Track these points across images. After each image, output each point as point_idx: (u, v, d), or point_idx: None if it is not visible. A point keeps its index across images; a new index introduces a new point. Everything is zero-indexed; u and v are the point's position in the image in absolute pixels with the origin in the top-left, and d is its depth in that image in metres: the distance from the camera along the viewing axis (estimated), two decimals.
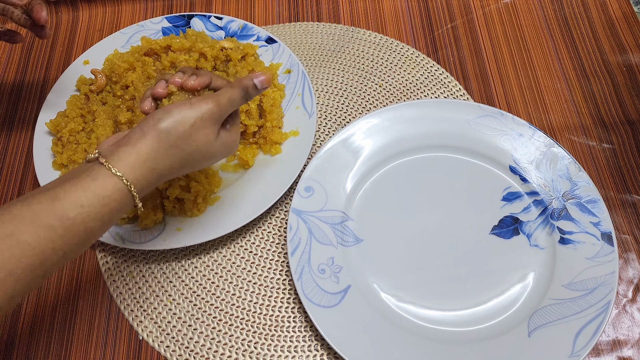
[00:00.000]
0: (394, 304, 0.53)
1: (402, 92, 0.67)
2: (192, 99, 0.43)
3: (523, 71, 0.69)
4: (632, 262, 0.56)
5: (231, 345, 0.53)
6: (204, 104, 0.42)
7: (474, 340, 0.51)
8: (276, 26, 0.74)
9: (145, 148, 0.40)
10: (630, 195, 0.60)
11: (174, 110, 0.41)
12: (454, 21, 0.73)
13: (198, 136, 0.42)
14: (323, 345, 0.53)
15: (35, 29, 0.54)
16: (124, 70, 0.63)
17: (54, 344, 0.53)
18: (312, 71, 0.70)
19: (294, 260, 0.54)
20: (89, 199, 0.37)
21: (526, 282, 0.54)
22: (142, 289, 0.56)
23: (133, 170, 0.39)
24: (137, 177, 0.40)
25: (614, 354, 0.52)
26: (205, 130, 0.42)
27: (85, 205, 0.37)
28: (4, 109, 0.69)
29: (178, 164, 0.42)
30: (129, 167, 0.39)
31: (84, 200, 0.37)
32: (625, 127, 0.64)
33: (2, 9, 0.53)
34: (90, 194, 0.37)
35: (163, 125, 0.41)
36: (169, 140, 0.41)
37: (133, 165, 0.40)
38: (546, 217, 0.57)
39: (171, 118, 0.41)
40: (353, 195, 0.59)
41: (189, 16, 0.71)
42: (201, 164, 0.44)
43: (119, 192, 0.39)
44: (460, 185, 0.59)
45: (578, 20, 0.73)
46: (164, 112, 0.41)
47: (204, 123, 0.42)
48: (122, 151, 0.40)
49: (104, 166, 0.39)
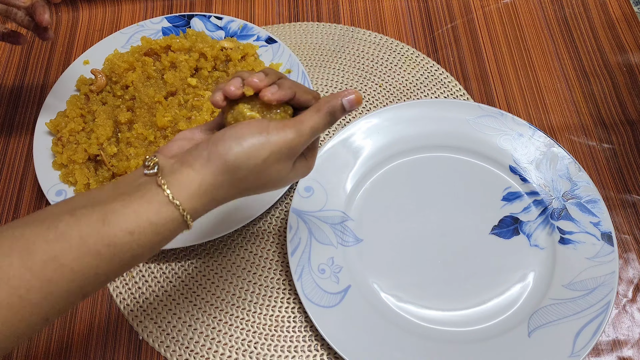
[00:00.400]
0: (394, 304, 0.53)
1: (402, 92, 0.67)
2: (271, 125, 0.36)
3: (523, 71, 0.69)
4: (632, 262, 0.56)
5: (231, 346, 0.53)
6: (283, 134, 0.36)
7: (474, 340, 0.51)
8: (276, 26, 0.74)
9: (209, 179, 0.35)
10: (630, 195, 0.60)
11: (247, 140, 0.36)
12: (454, 21, 0.73)
13: (270, 171, 0.37)
14: (323, 345, 0.53)
15: (38, 31, 0.53)
16: (124, 70, 0.63)
17: (54, 344, 0.53)
18: (312, 71, 0.70)
19: (294, 260, 0.54)
20: (140, 226, 0.34)
21: (526, 282, 0.54)
22: (142, 289, 0.56)
23: (191, 199, 0.35)
24: (195, 206, 0.35)
25: (614, 354, 0.52)
26: (279, 165, 0.37)
27: (135, 232, 0.34)
28: (4, 109, 0.69)
29: (241, 194, 0.38)
30: (188, 197, 0.35)
31: (134, 227, 0.34)
32: (625, 127, 0.64)
33: (5, 11, 0.53)
34: (143, 220, 0.34)
35: (232, 159, 0.35)
36: (236, 174, 0.36)
37: (192, 195, 0.35)
38: (546, 217, 0.57)
39: (242, 150, 0.35)
40: (353, 195, 0.59)
41: (189, 16, 0.71)
42: (265, 190, 0.40)
43: (172, 222, 0.35)
44: (460, 185, 0.59)
45: (578, 20, 0.73)
46: (235, 141, 0.36)
47: (280, 157, 0.37)
48: (184, 175, 0.35)
49: (161, 189, 0.35)
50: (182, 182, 0.35)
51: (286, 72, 0.66)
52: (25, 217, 0.34)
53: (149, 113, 0.60)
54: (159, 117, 0.58)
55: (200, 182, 0.35)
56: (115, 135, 0.60)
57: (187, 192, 0.35)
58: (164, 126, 0.59)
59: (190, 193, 0.35)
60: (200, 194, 0.35)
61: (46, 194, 0.58)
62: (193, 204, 0.35)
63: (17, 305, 0.31)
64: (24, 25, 0.53)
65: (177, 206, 0.35)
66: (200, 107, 0.60)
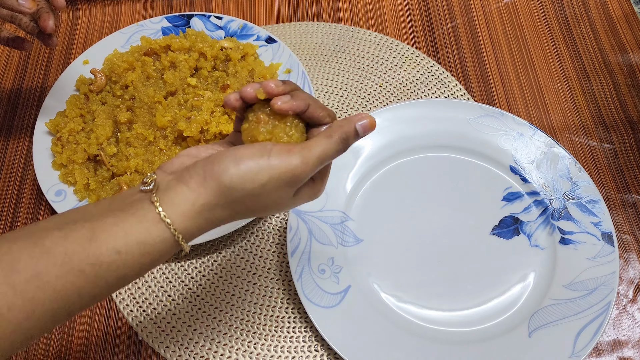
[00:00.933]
0: (394, 304, 0.53)
1: (402, 92, 0.67)
2: (274, 149, 0.34)
3: (523, 71, 0.69)
4: (632, 262, 0.56)
5: (231, 346, 0.53)
6: (286, 160, 0.34)
7: (475, 340, 0.51)
8: (276, 26, 0.73)
9: (203, 198, 0.34)
10: (630, 195, 0.60)
11: (245, 162, 0.33)
12: (454, 21, 0.73)
13: (269, 197, 0.35)
14: (323, 345, 0.53)
15: (42, 37, 0.54)
16: (123, 70, 0.63)
17: (54, 343, 0.53)
18: (312, 71, 0.69)
19: (294, 260, 0.54)
20: (128, 245, 0.32)
21: (527, 282, 0.54)
22: (142, 290, 0.56)
23: (184, 219, 0.33)
24: (188, 227, 0.34)
25: (615, 355, 0.52)
26: (279, 192, 0.35)
27: (122, 252, 0.32)
28: (4, 108, 0.68)
29: (238, 216, 0.36)
30: (181, 215, 0.33)
31: (122, 247, 0.32)
32: (625, 127, 0.64)
33: (10, 16, 0.53)
34: (131, 239, 0.32)
35: (227, 180, 0.33)
36: (231, 195, 0.34)
37: (185, 214, 0.33)
38: (547, 217, 0.57)
39: (238, 172, 0.33)
40: (353, 195, 0.59)
41: (188, 16, 0.70)
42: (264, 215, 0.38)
43: (162, 243, 0.33)
44: (460, 185, 0.59)
45: (578, 20, 0.73)
46: (233, 162, 0.34)
47: (279, 184, 0.34)
48: (178, 193, 0.34)
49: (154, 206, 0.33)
50: (175, 200, 0.34)
51: (286, 72, 0.66)
52: (16, 231, 0.33)
53: (148, 113, 0.60)
54: (159, 117, 0.58)
55: (194, 202, 0.34)
56: (115, 135, 0.60)
57: (180, 210, 0.33)
58: (164, 126, 0.59)
59: (183, 212, 0.33)
60: (194, 213, 0.34)
61: (46, 194, 0.58)
62: (186, 224, 0.34)
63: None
64: (28, 31, 0.53)
65: (168, 225, 0.33)
66: (200, 107, 0.59)
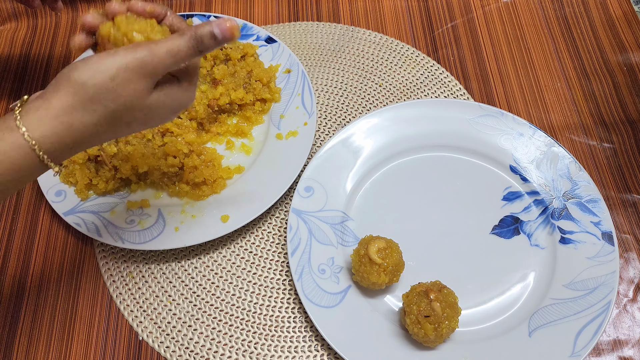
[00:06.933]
0: (394, 304, 0.53)
1: (402, 92, 0.67)
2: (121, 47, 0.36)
3: (523, 70, 0.69)
4: (632, 261, 0.56)
5: (231, 346, 0.53)
6: (132, 52, 0.35)
7: (475, 340, 0.51)
8: (276, 26, 0.73)
9: (57, 102, 0.34)
10: (630, 194, 0.60)
11: (92, 59, 0.35)
12: (454, 20, 0.73)
13: (124, 90, 0.35)
14: (323, 345, 0.53)
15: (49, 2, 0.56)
16: None
17: (54, 344, 0.53)
18: (312, 71, 0.69)
19: (294, 260, 0.54)
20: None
21: (527, 281, 0.54)
22: (142, 290, 0.56)
23: (40, 125, 0.34)
24: (45, 133, 0.34)
25: (615, 354, 0.52)
26: (132, 84, 0.35)
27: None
28: (4, 108, 0.68)
29: (104, 122, 0.36)
30: (36, 121, 0.34)
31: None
32: (625, 126, 0.64)
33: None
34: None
35: (76, 75, 0.34)
36: (85, 93, 0.34)
37: (41, 120, 0.34)
38: (547, 217, 0.57)
39: (87, 67, 0.34)
40: (353, 195, 0.59)
41: (188, 16, 0.71)
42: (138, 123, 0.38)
43: (19, 149, 0.34)
44: (460, 185, 0.59)
45: (578, 19, 0.73)
46: (81, 62, 0.35)
47: (130, 75, 0.35)
48: (35, 105, 0.35)
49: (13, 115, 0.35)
50: (30, 110, 0.35)
51: (286, 72, 0.66)
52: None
53: None
54: None
55: (48, 107, 0.34)
56: None
57: (35, 117, 0.34)
58: None
59: (39, 118, 0.34)
60: (50, 118, 0.34)
61: (46, 194, 0.58)
62: (42, 130, 0.34)
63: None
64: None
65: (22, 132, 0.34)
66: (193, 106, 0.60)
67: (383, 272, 0.49)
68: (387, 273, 0.49)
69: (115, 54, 0.35)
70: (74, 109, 0.35)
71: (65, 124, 0.35)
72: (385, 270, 0.49)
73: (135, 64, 0.35)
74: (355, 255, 0.51)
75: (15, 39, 0.74)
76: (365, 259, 0.49)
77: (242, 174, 0.60)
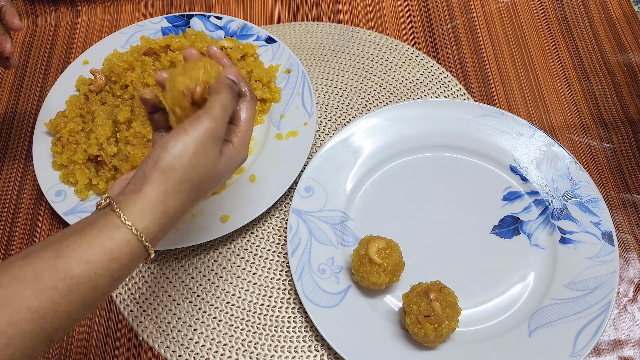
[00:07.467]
0: (394, 304, 0.53)
1: (402, 92, 0.67)
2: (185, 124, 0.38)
3: (523, 70, 0.69)
4: (632, 261, 0.56)
5: (231, 346, 0.53)
6: (199, 125, 0.38)
7: (475, 340, 0.51)
8: (276, 26, 0.73)
9: (151, 192, 0.36)
10: (630, 194, 0.60)
11: (170, 144, 0.37)
12: (454, 20, 0.73)
13: (203, 162, 0.38)
14: (323, 345, 0.53)
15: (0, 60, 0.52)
16: (123, 70, 0.63)
17: (55, 343, 0.53)
18: (312, 71, 0.69)
19: (294, 260, 0.54)
20: (94, 254, 0.34)
21: (527, 281, 0.54)
22: (142, 290, 0.56)
23: (142, 218, 0.36)
24: (148, 225, 0.36)
25: (615, 354, 0.52)
26: (209, 153, 0.38)
27: (90, 261, 0.33)
28: (4, 109, 0.68)
29: (189, 199, 0.39)
30: (138, 215, 0.36)
31: (89, 256, 0.34)
32: (625, 126, 0.64)
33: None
34: (97, 248, 0.34)
35: (164, 163, 0.37)
36: (175, 176, 0.37)
37: (142, 212, 0.36)
38: (547, 217, 0.57)
39: (169, 153, 0.37)
40: (353, 195, 0.59)
41: (188, 16, 0.70)
42: (212, 188, 0.41)
43: (128, 245, 0.35)
44: (460, 185, 0.59)
45: (578, 19, 0.73)
46: (160, 149, 0.37)
47: (205, 146, 0.38)
48: (130, 200, 0.36)
49: (115, 214, 0.36)
50: (129, 204, 0.36)
51: (286, 72, 0.66)
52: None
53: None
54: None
55: (146, 198, 0.36)
56: (114, 135, 0.60)
57: (136, 210, 0.36)
58: None
59: (140, 210, 0.36)
60: (149, 210, 0.36)
61: (46, 194, 0.57)
62: (145, 223, 0.36)
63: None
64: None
65: (129, 227, 0.35)
66: None
67: (383, 272, 0.49)
68: (387, 273, 0.49)
69: (185, 131, 0.37)
70: (167, 195, 0.37)
71: (162, 212, 0.37)
72: (385, 270, 0.49)
73: (207, 133, 0.38)
74: (355, 255, 0.51)
75: (15, 39, 0.74)
76: (365, 259, 0.49)
77: (242, 174, 0.60)
